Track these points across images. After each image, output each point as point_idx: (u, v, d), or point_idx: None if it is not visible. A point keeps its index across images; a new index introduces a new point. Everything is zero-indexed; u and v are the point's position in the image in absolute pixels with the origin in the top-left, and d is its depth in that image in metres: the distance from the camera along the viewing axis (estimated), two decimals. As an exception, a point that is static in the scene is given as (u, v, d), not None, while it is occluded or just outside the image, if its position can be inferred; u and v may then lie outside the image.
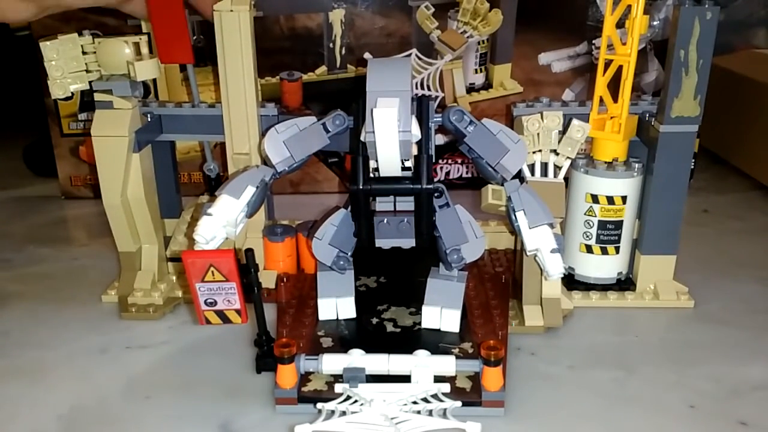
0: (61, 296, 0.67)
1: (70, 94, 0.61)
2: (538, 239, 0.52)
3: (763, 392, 0.53)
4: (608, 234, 0.63)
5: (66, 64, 0.60)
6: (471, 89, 0.89)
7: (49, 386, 0.54)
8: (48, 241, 0.80)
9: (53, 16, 0.65)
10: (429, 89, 0.86)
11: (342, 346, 0.53)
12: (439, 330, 0.56)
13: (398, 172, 0.51)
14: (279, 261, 0.67)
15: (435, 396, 0.48)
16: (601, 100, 0.60)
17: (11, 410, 0.51)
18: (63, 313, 0.64)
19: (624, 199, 0.62)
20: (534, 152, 0.59)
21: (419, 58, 0.85)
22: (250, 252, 0.51)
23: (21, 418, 0.50)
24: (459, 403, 0.47)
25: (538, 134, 0.58)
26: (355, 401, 0.47)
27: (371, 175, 0.52)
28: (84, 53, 0.60)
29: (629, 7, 0.57)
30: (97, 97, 0.61)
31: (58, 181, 0.92)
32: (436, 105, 0.88)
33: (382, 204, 0.54)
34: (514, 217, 0.52)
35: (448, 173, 0.91)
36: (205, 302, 0.51)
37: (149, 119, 0.65)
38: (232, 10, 0.61)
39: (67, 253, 0.77)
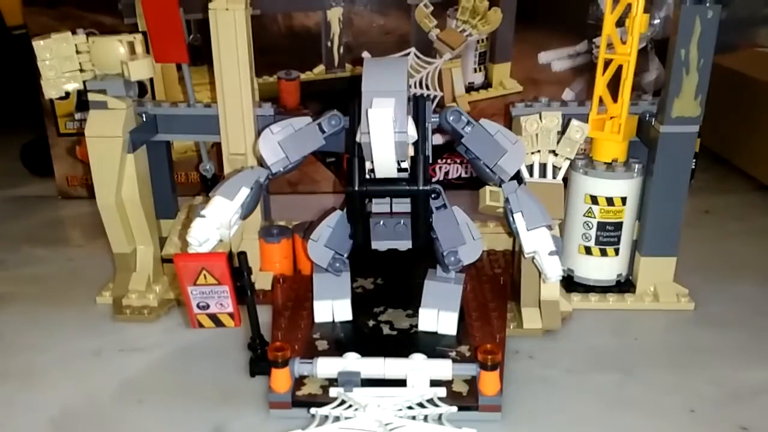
0: (55, 298, 0.67)
1: (63, 95, 0.60)
2: (536, 241, 0.51)
3: (764, 396, 0.52)
4: (607, 235, 0.63)
5: (60, 64, 0.59)
6: (470, 88, 0.88)
7: (42, 389, 0.53)
8: (43, 242, 0.79)
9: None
10: (428, 88, 0.86)
11: (337, 349, 0.53)
12: (436, 333, 0.55)
13: (394, 174, 0.50)
14: (275, 262, 0.66)
15: (431, 401, 0.47)
16: (601, 100, 0.59)
17: (3, 413, 0.51)
18: (57, 315, 0.63)
19: (623, 200, 0.61)
20: (532, 153, 0.58)
21: (418, 57, 0.85)
22: (242, 255, 0.50)
23: (13, 421, 0.50)
24: (455, 408, 0.47)
25: (536, 135, 0.58)
26: (350, 406, 0.47)
27: (367, 176, 0.51)
28: (78, 52, 0.59)
29: (629, 5, 0.56)
30: (91, 97, 0.60)
31: (54, 180, 0.92)
32: (435, 104, 0.87)
33: (378, 205, 0.54)
34: (512, 219, 0.52)
35: (447, 173, 0.91)
36: (198, 305, 0.50)
37: (144, 119, 0.64)
38: (227, 9, 0.61)
39: (63, 254, 0.76)
